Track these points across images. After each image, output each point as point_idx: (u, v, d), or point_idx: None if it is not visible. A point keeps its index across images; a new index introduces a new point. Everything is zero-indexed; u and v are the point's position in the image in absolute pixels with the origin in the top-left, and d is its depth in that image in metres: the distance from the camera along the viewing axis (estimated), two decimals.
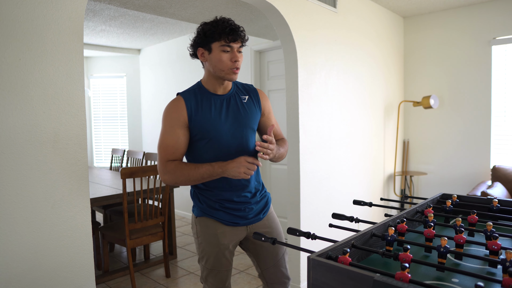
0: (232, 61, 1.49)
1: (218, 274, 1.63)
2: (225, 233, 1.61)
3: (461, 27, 4.03)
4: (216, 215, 1.60)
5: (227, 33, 1.46)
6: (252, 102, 1.64)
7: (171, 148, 1.53)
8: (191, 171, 1.50)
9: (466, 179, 4.06)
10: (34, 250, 1.54)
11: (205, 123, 1.53)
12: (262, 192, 1.71)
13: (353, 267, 0.88)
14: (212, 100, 1.56)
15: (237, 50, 1.50)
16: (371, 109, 3.84)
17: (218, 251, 1.60)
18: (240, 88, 1.66)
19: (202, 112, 1.53)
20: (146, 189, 3.12)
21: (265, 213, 1.70)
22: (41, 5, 1.54)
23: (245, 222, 1.63)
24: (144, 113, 5.98)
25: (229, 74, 1.51)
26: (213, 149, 1.55)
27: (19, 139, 1.49)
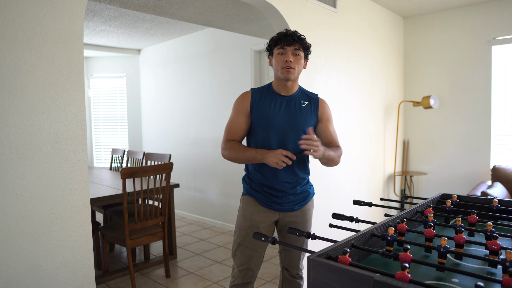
0: (284, 61, 1.73)
1: (245, 250, 1.83)
2: (259, 212, 1.83)
3: (461, 27, 4.03)
4: (256, 195, 1.84)
5: (283, 39, 1.74)
6: (310, 108, 1.84)
7: (232, 130, 1.84)
8: (241, 152, 1.77)
9: (466, 179, 4.06)
10: (34, 250, 1.54)
11: (262, 115, 1.79)
12: (304, 186, 1.87)
13: (353, 267, 0.88)
14: (274, 98, 1.82)
15: (291, 53, 1.73)
16: (371, 109, 3.84)
17: (250, 226, 1.82)
18: (304, 94, 1.87)
19: (262, 105, 1.81)
20: (146, 189, 3.12)
21: (300, 206, 1.87)
22: (41, 5, 1.54)
23: (278, 208, 1.83)
24: (144, 113, 5.98)
25: (283, 72, 1.74)
26: (266, 138, 1.80)
27: (19, 139, 1.49)
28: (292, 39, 1.73)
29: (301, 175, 1.84)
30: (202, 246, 4.02)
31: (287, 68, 1.72)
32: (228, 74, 4.54)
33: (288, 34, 1.74)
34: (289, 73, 1.73)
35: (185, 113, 5.16)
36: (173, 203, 3.62)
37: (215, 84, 4.71)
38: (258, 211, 1.83)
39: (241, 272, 1.85)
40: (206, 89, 4.83)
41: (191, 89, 5.06)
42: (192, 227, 4.76)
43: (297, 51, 1.75)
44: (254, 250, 1.82)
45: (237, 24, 3.75)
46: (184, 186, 5.20)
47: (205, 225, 4.86)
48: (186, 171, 5.20)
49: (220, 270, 3.33)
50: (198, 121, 4.97)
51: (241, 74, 4.37)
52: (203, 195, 5.01)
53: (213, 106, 4.73)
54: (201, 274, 3.27)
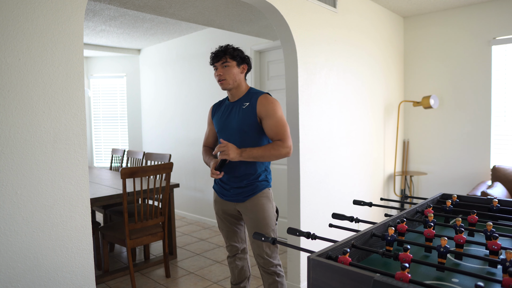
0: (216, 76, 2.01)
1: (222, 231, 2.22)
2: (217, 202, 2.17)
3: (461, 27, 4.03)
4: (215, 187, 2.19)
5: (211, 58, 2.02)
6: (249, 108, 1.99)
7: (205, 137, 2.30)
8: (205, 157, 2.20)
9: (466, 179, 4.06)
10: (34, 250, 1.54)
11: (216, 122, 2.13)
12: (252, 180, 2.04)
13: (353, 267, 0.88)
14: (225, 106, 2.11)
15: (221, 67, 1.97)
16: (371, 109, 3.84)
17: (216, 213, 2.20)
18: (248, 96, 2.03)
19: (217, 114, 2.15)
20: (146, 189, 3.12)
21: (248, 197, 2.03)
22: (41, 5, 1.54)
23: (228, 199, 2.09)
24: (144, 113, 5.98)
25: (220, 85, 2.01)
26: (217, 141, 2.19)
27: (19, 139, 1.49)
28: (217, 55, 1.97)
29: (247, 171, 2.03)
30: (202, 246, 4.02)
31: (220, 81, 1.98)
32: None
33: (215, 53, 1.99)
34: (223, 84, 1.98)
35: (185, 113, 5.16)
36: (173, 203, 3.62)
37: (215, 84, 4.71)
38: (217, 201, 2.17)
39: (227, 248, 2.22)
40: (206, 89, 4.83)
41: (191, 89, 5.06)
42: (192, 227, 4.76)
43: (225, 63, 1.96)
44: (227, 231, 2.18)
45: (237, 24, 3.75)
46: (184, 186, 5.20)
47: (205, 225, 4.86)
48: (186, 171, 5.20)
49: (220, 270, 3.33)
50: (198, 121, 4.97)
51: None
52: (203, 195, 5.01)
53: None
54: (201, 274, 3.27)
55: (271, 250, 2.06)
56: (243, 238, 2.22)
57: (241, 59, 2.01)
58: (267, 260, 2.04)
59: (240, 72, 2.01)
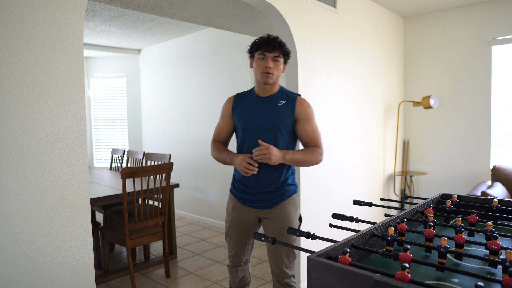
0: (264, 66, 1.81)
1: (230, 241, 2.00)
2: (237, 208, 1.96)
3: (461, 27, 4.03)
4: (234, 192, 1.98)
5: (264, 45, 1.80)
6: (286, 107, 1.87)
7: (217, 131, 2.03)
8: (219, 153, 1.95)
9: (466, 179, 4.06)
10: (34, 250, 1.54)
11: (240, 116, 1.91)
12: (280, 184, 1.89)
13: (353, 267, 0.88)
14: (253, 100, 1.92)
15: (272, 59, 1.81)
16: (371, 109, 3.84)
17: (231, 220, 1.97)
18: (283, 94, 1.92)
19: (241, 107, 1.92)
20: (146, 189, 3.12)
21: (275, 204, 1.88)
22: (41, 5, 1.54)
23: (252, 205, 1.91)
24: (144, 113, 5.98)
25: (262, 77, 1.83)
26: (243, 138, 1.91)
27: (19, 139, 1.49)
28: (273, 46, 1.79)
29: (276, 173, 1.87)
30: (202, 246, 4.02)
31: (266, 73, 1.81)
32: (228, 74, 4.54)
33: (270, 41, 1.80)
34: (268, 78, 1.82)
35: (185, 113, 5.16)
36: (173, 203, 3.62)
37: (215, 84, 4.71)
38: (236, 207, 1.96)
39: (230, 257, 2.04)
40: (206, 89, 4.83)
41: (191, 89, 5.06)
42: (192, 227, 4.76)
43: (277, 58, 1.82)
44: (236, 242, 1.98)
45: (237, 24, 3.75)
46: (184, 186, 5.20)
47: (205, 225, 4.86)
48: (186, 171, 5.20)
49: (220, 270, 3.33)
50: (198, 121, 4.97)
51: (241, 74, 4.37)
52: (203, 195, 5.01)
53: (213, 106, 4.73)
54: (201, 274, 3.27)
55: (290, 261, 1.91)
56: (250, 250, 2.04)
57: (287, 59, 1.91)
58: (283, 271, 1.90)
59: (282, 71, 1.90)
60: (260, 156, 1.72)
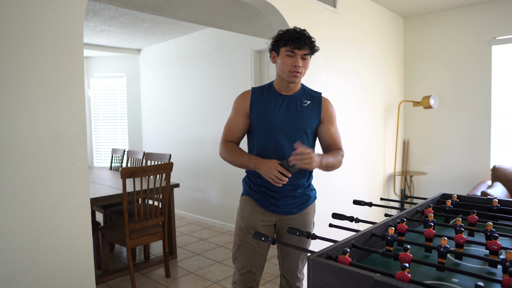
0: (293, 65, 1.63)
1: (245, 251, 1.76)
2: (256, 212, 1.77)
3: (461, 27, 4.03)
4: (254, 195, 1.78)
5: (293, 41, 1.62)
6: (312, 107, 1.74)
7: (229, 130, 1.79)
8: (236, 156, 1.71)
9: (466, 179, 4.06)
10: (34, 250, 1.54)
11: (261, 115, 1.71)
12: (305, 189, 1.79)
13: (353, 267, 0.88)
14: (275, 97, 1.74)
15: (300, 57, 1.64)
16: (371, 109, 3.84)
17: (247, 226, 1.76)
18: (306, 93, 1.78)
19: (262, 105, 1.73)
20: (146, 189, 3.12)
21: (300, 209, 1.78)
22: (41, 5, 1.54)
23: (275, 210, 1.75)
24: (144, 113, 5.98)
25: (290, 76, 1.66)
26: (265, 139, 1.72)
27: (19, 139, 1.49)
28: (304, 43, 1.63)
29: (304, 177, 1.76)
30: (202, 246, 4.02)
31: (296, 72, 1.65)
32: (228, 74, 4.54)
33: (300, 36, 1.63)
34: (296, 77, 1.67)
35: (185, 113, 5.16)
36: (173, 203, 3.61)
37: (215, 84, 4.71)
38: (255, 211, 1.76)
39: (242, 276, 1.77)
40: (206, 89, 4.83)
41: (191, 89, 5.06)
42: (192, 227, 4.76)
43: (306, 56, 1.66)
44: (254, 251, 1.76)
45: (237, 24, 3.75)
46: (184, 186, 5.20)
47: (205, 225, 4.86)
48: (186, 171, 5.20)
49: (220, 270, 3.33)
50: (198, 121, 4.97)
51: (241, 74, 4.37)
52: (203, 195, 5.01)
53: (213, 106, 4.73)
54: (201, 274, 3.27)
55: (303, 265, 1.85)
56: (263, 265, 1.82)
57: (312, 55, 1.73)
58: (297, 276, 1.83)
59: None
60: (301, 162, 1.52)
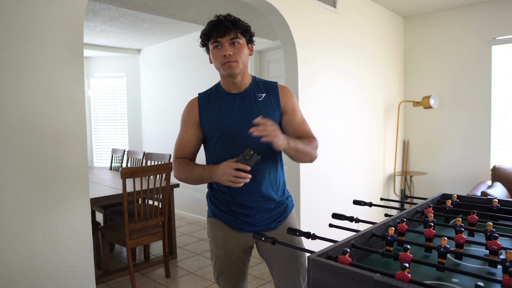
0: (222, 56, 1.43)
1: (227, 278, 1.59)
2: (231, 237, 1.56)
3: (461, 27, 4.03)
4: (223, 217, 1.57)
5: (213, 30, 1.43)
6: (269, 100, 1.52)
7: (180, 146, 1.56)
8: (188, 171, 1.48)
9: (466, 179, 4.06)
10: (34, 250, 1.54)
11: (213, 122, 1.50)
12: (280, 198, 1.57)
13: (353, 267, 0.88)
14: (225, 99, 1.52)
15: (228, 44, 1.43)
16: (371, 109, 3.84)
17: (224, 254, 1.57)
18: (259, 86, 1.55)
19: (211, 110, 1.51)
20: (146, 189, 3.12)
21: (279, 223, 1.56)
22: (41, 5, 1.54)
23: (252, 230, 1.53)
24: (144, 113, 5.98)
25: (225, 69, 1.44)
26: (223, 149, 1.49)
27: (19, 139, 1.49)
28: (225, 27, 1.40)
29: (273, 183, 1.53)
30: (202, 246, 4.01)
31: (228, 63, 1.42)
32: None
33: (219, 22, 1.42)
34: (232, 68, 1.43)
35: None
36: (173, 203, 3.61)
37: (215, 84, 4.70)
38: (229, 236, 1.55)
39: None
40: (206, 89, 4.82)
41: (192, 89, 5.06)
42: (192, 227, 4.76)
43: (235, 40, 1.43)
44: (237, 275, 1.59)
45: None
46: (184, 186, 5.19)
47: (205, 225, 4.86)
48: None
49: None
50: None
51: None
52: (203, 195, 5.00)
53: None
54: (201, 274, 3.27)
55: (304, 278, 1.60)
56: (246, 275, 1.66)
57: (250, 37, 1.51)
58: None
59: (248, 54, 1.50)
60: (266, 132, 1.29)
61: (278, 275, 1.59)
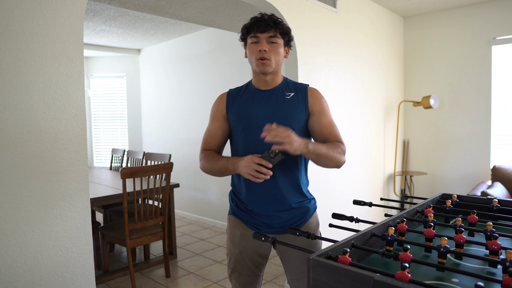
0: (258, 51, 1.45)
1: (240, 277, 1.59)
2: (248, 236, 1.55)
3: (461, 27, 4.03)
4: (241, 216, 1.57)
5: (255, 25, 1.46)
6: (297, 99, 1.52)
7: (207, 138, 1.61)
8: (214, 162, 1.52)
9: (466, 179, 4.06)
10: (34, 250, 1.54)
11: (239, 114, 1.53)
12: (300, 200, 1.54)
13: (353, 267, 0.88)
14: (253, 94, 1.55)
15: (266, 41, 1.45)
16: (371, 109, 3.84)
17: (239, 253, 1.57)
18: (289, 86, 1.57)
19: (238, 103, 1.55)
20: (146, 189, 3.12)
21: (298, 226, 1.53)
22: (41, 5, 1.54)
23: (269, 230, 1.51)
24: (144, 113, 5.98)
25: (258, 65, 1.47)
26: (246, 142, 1.52)
27: (19, 139, 1.49)
28: (266, 24, 1.44)
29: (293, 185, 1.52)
30: (202, 246, 4.02)
31: (262, 59, 1.45)
32: (228, 74, 4.54)
33: (261, 19, 1.45)
34: (265, 65, 1.46)
35: (185, 113, 5.16)
36: (173, 203, 3.61)
37: (215, 84, 4.71)
38: (246, 235, 1.55)
39: None
40: (206, 89, 4.83)
41: (192, 89, 5.06)
42: (192, 227, 4.76)
43: (273, 39, 1.46)
44: (249, 276, 1.59)
45: (237, 24, 3.75)
46: (184, 186, 5.20)
47: (205, 225, 4.86)
48: (186, 171, 5.20)
49: (220, 270, 3.33)
50: (198, 121, 4.97)
51: (242, 74, 4.37)
52: (203, 195, 5.00)
53: None
54: (201, 274, 3.27)
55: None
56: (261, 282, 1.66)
57: (289, 40, 1.53)
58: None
59: (284, 55, 1.53)
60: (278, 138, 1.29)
61: (292, 275, 1.60)
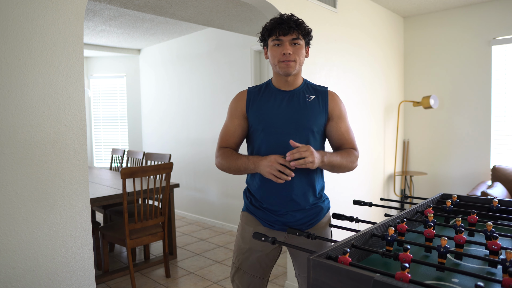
0: (281, 54, 1.45)
1: (243, 276, 1.57)
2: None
3: (461, 27, 4.03)
4: (256, 213, 1.57)
5: (277, 27, 1.46)
6: (318, 102, 1.54)
7: (225, 136, 1.60)
8: (232, 160, 1.52)
9: (466, 179, 4.06)
10: (34, 250, 1.54)
11: (259, 113, 1.53)
12: (315, 201, 1.55)
13: (353, 267, 0.88)
14: (274, 94, 1.55)
15: (289, 43, 1.46)
16: (371, 109, 3.84)
17: (248, 249, 1.56)
18: (310, 88, 1.59)
19: (259, 102, 1.54)
20: (146, 189, 3.12)
21: (311, 225, 1.54)
22: (41, 5, 1.54)
23: (282, 228, 1.52)
24: (144, 113, 5.98)
25: (282, 67, 1.47)
26: (266, 142, 1.52)
27: (19, 139, 1.49)
28: (289, 26, 1.44)
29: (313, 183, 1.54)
30: (202, 246, 4.02)
31: (286, 61, 1.46)
32: (228, 74, 4.54)
33: (284, 21, 1.45)
34: (289, 67, 1.47)
35: (186, 113, 5.16)
36: (173, 203, 3.61)
37: (215, 84, 4.71)
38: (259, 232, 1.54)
39: None
40: (206, 89, 4.83)
41: (191, 89, 5.06)
42: (192, 227, 4.76)
43: (296, 40, 1.47)
44: (253, 277, 1.56)
45: (237, 24, 3.75)
46: (184, 186, 5.20)
47: (205, 225, 4.86)
48: (186, 171, 5.20)
49: (220, 270, 3.33)
50: (198, 121, 4.97)
51: (241, 74, 4.37)
52: (203, 195, 5.00)
53: (213, 106, 4.73)
54: (201, 274, 3.27)
55: None
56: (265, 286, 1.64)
57: (309, 40, 1.55)
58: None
59: (306, 55, 1.55)
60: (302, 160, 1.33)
61: (300, 271, 1.61)
